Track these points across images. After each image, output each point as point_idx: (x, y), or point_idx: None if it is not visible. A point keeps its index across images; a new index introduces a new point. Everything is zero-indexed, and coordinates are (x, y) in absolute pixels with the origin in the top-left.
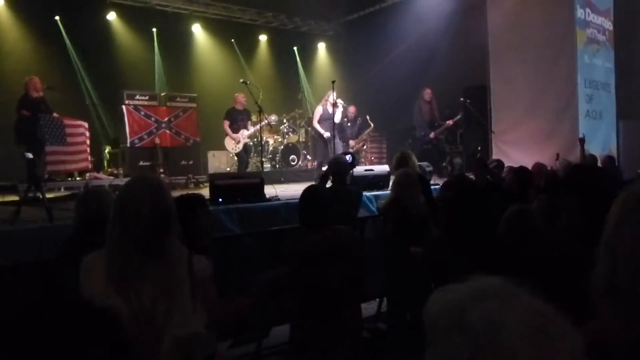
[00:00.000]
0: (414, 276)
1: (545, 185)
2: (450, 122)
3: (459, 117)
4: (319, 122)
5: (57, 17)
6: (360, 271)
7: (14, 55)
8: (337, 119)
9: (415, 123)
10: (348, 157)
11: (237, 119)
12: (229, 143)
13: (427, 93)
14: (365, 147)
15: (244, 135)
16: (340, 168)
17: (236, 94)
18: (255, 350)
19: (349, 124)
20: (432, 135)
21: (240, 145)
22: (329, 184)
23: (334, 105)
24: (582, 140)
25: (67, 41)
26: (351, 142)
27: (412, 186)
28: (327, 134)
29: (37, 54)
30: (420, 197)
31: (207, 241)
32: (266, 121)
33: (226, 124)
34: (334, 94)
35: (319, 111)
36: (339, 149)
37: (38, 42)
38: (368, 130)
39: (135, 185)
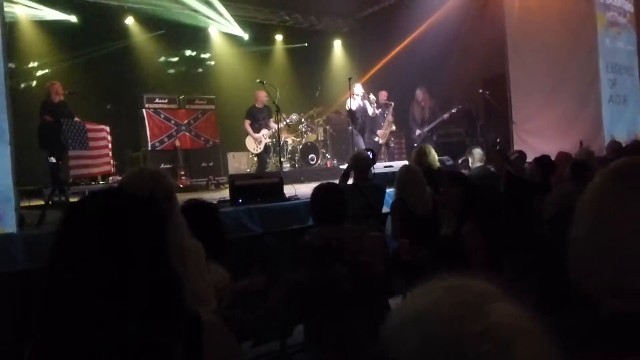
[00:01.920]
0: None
1: (571, 173)
2: (446, 115)
3: (453, 110)
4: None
5: (77, 24)
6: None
7: (36, 61)
8: (371, 111)
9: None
10: (369, 153)
11: (259, 118)
12: (250, 143)
13: (418, 94)
14: (391, 139)
15: (265, 135)
16: (361, 164)
17: (257, 92)
18: (280, 348)
19: (378, 112)
20: (417, 132)
21: (262, 146)
22: (350, 180)
23: (363, 97)
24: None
25: (87, 47)
26: (379, 132)
27: (415, 182)
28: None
29: (58, 60)
30: (425, 193)
31: (222, 248)
32: (287, 121)
33: (247, 123)
34: (358, 85)
35: (351, 104)
36: (368, 142)
37: (59, 48)
38: (389, 110)
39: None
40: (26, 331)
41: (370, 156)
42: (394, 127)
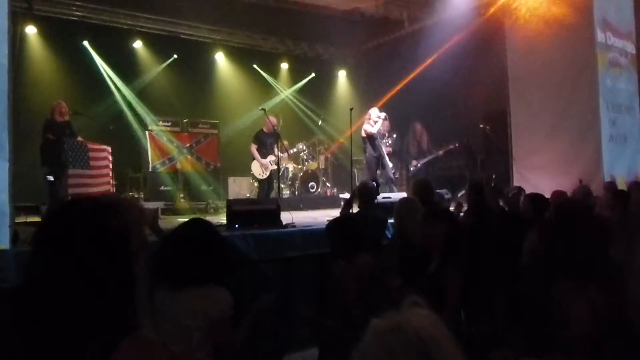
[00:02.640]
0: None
1: (554, 213)
2: (441, 151)
3: (450, 146)
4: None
5: (86, 45)
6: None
7: (44, 80)
8: (375, 129)
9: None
10: (374, 184)
11: (266, 143)
12: (256, 168)
13: (417, 128)
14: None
15: (272, 162)
16: (367, 194)
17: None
18: None
19: (383, 141)
20: (413, 163)
21: (268, 172)
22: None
23: (376, 121)
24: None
25: (95, 68)
26: None
27: (414, 215)
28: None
29: (65, 80)
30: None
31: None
32: (292, 150)
33: (254, 147)
34: (375, 109)
35: (370, 128)
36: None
37: (67, 68)
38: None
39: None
40: (13, 349)
41: (375, 187)
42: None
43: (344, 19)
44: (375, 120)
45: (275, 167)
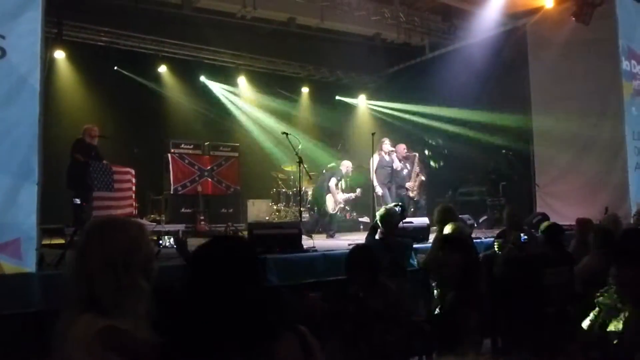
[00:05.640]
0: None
1: (599, 242)
2: None
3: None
4: (375, 171)
5: (116, 69)
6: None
7: (69, 103)
8: (397, 165)
9: None
10: (397, 208)
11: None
12: (330, 203)
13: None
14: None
15: (342, 199)
16: (390, 219)
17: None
18: None
19: (400, 165)
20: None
21: (338, 208)
22: (378, 235)
23: (389, 153)
24: None
25: (120, 92)
26: (408, 184)
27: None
28: (379, 191)
29: (91, 103)
30: None
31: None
32: (355, 194)
33: (334, 182)
34: (387, 140)
35: (375, 159)
36: (394, 195)
37: (93, 92)
38: (414, 161)
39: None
40: None
41: (399, 211)
42: (423, 178)
43: (364, 44)
44: (386, 152)
45: (343, 205)
